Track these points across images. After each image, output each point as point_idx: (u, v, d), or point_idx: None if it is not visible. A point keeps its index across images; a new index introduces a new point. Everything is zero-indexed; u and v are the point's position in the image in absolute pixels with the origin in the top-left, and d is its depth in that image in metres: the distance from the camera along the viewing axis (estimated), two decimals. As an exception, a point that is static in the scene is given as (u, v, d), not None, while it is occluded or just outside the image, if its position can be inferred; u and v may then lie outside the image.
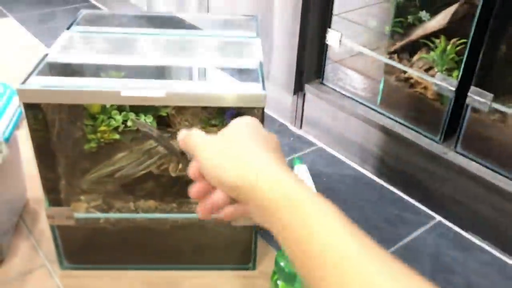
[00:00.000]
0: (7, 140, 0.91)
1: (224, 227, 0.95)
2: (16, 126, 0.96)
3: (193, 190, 0.47)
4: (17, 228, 1.05)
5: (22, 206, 1.10)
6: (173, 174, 0.99)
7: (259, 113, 0.86)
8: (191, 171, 0.47)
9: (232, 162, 0.42)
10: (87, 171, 0.99)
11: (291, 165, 0.83)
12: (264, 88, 0.81)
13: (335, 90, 1.33)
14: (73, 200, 0.96)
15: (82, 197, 0.97)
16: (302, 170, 0.79)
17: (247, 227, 0.95)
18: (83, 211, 0.95)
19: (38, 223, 1.07)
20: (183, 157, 0.98)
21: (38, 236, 1.04)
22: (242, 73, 0.91)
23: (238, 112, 1.10)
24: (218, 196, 0.45)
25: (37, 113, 0.84)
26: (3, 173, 0.96)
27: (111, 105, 1.03)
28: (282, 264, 0.81)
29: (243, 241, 0.97)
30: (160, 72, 0.95)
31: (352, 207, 1.16)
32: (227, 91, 0.79)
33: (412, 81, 1.17)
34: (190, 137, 0.48)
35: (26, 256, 0.99)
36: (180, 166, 0.98)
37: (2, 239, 0.97)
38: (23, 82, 0.78)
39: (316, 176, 1.15)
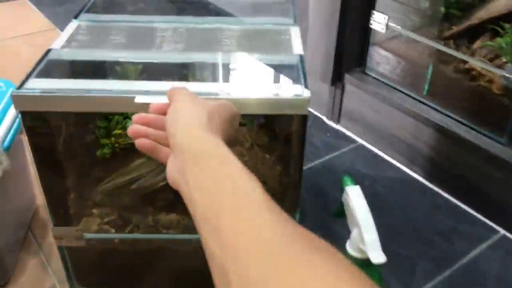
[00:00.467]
0: (7, 149, 0.79)
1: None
2: (19, 130, 0.84)
3: (143, 115, 0.52)
4: (25, 241, 0.94)
5: (30, 216, 0.99)
6: (197, 186, 0.86)
7: (300, 121, 0.72)
8: (158, 105, 0.52)
9: (189, 115, 0.47)
10: (100, 181, 0.87)
11: (340, 186, 0.69)
12: (306, 88, 0.66)
13: (379, 80, 1.18)
14: (84, 215, 0.84)
15: (95, 211, 0.86)
16: (354, 192, 0.65)
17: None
18: (95, 227, 0.83)
19: (48, 235, 0.96)
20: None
21: (47, 250, 0.93)
22: (278, 70, 0.77)
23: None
24: (159, 133, 0.51)
25: (38, 121, 0.71)
26: (7, 185, 0.85)
27: (127, 104, 0.90)
28: None
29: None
30: (182, 66, 0.81)
31: (400, 217, 1.01)
32: (258, 96, 0.65)
33: (474, 72, 1.00)
34: (181, 91, 0.51)
35: (34, 275, 0.88)
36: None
37: (7, 257, 0.86)
38: (20, 86, 0.66)
39: (356, 179, 1.01)
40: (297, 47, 0.78)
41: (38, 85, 0.66)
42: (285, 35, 0.83)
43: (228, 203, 0.37)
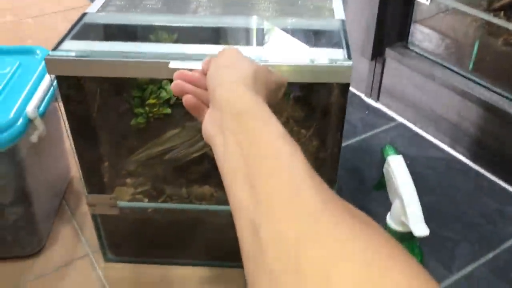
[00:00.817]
0: (42, 114, 0.78)
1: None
2: (54, 97, 0.84)
3: (185, 72, 0.51)
4: (59, 210, 0.95)
5: (65, 186, 0.99)
6: (231, 157, 0.84)
7: (341, 90, 0.69)
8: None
9: (234, 71, 0.45)
10: (134, 151, 0.86)
11: (381, 156, 0.66)
12: (349, 56, 0.63)
13: (422, 55, 1.12)
14: (118, 184, 0.84)
15: (128, 181, 0.85)
16: (397, 162, 0.61)
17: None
18: (128, 197, 0.82)
19: (82, 205, 0.96)
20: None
21: (81, 220, 0.93)
22: (318, 35, 0.73)
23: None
24: (203, 92, 0.49)
25: (73, 85, 0.70)
26: (42, 151, 0.85)
27: (161, 74, 0.89)
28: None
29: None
30: (217, 33, 0.79)
31: (442, 198, 0.97)
32: (297, 62, 0.62)
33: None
34: (227, 49, 0.50)
35: (67, 244, 0.89)
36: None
37: (42, 224, 0.86)
38: (55, 48, 0.65)
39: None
40: (338, 12, 0.74)
41: (72, 47, 0.65)
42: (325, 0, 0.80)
43: (267, 162, 0.35)
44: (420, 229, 0.55)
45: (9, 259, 0.84)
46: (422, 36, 1.16)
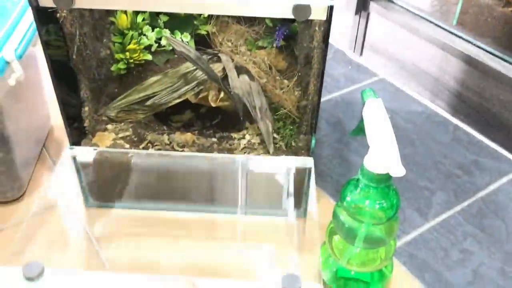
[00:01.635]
0: (20, 57, 0.77)
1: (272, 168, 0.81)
2: (32, 41, 0.82)
3: None
4: (40, 158, 0.94)
5: (45, 135, 0.98)
6: (213, 104, 0.84)
7: (320, 31, 0.69)
8: None
9: None
10: (115, 97, 0.86)
11: (362, 100, 0.66)
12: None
13: (407, 9, 1.12)
14: (99, 129, 0.83)
15: (109, 126, 0.85)
16: (375, 105, 0.62)
17: (299, 169, 0.80)
18: (109, 142, 0.82)
19: (63, 153, 0.95)
20: (225, 85, 0.82)
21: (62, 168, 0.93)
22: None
23: (291, 31, 0.92)
24: None
25: (52, 24, 0.69)
26: (21, 97, 0.84)
27: (142, 20, 0.88)
28: (341, 218, 0.66)
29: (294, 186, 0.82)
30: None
31: (421, 150, 0.99)
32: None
33: (509, -2, 0.95)
34: None
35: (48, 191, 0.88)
36: (222, 95, 0.83)
37: (22, 171, 0.86)
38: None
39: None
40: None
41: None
42: None
43: None
44: (397, 170, 0.56)
45: (-10, 204, 0.85)
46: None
